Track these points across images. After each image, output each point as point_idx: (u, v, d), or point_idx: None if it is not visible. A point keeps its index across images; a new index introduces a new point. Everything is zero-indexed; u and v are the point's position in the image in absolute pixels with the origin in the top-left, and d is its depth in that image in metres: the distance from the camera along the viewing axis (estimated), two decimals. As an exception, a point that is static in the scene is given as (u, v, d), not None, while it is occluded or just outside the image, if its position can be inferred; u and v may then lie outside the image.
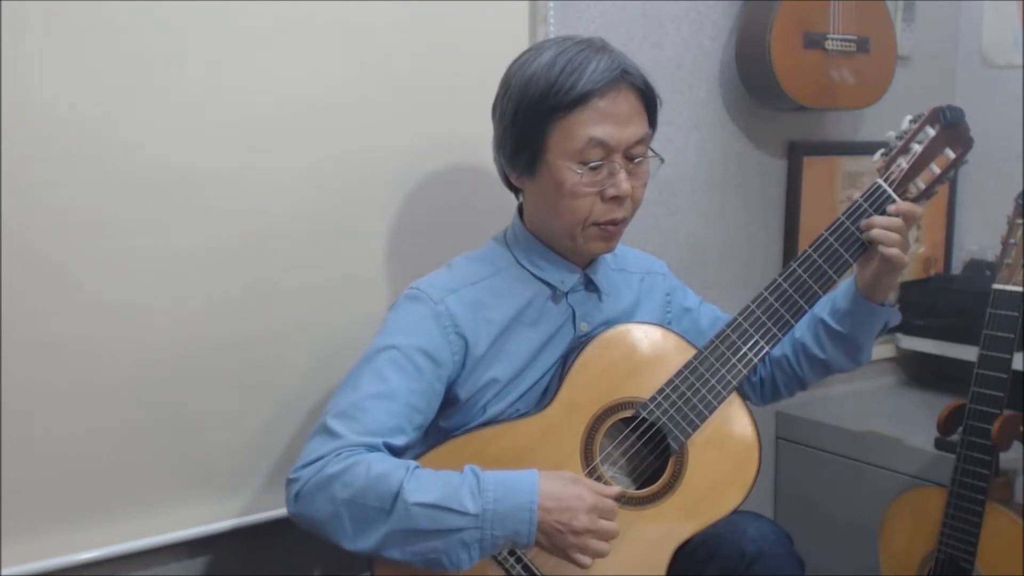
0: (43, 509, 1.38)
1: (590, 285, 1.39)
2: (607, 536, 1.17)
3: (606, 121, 1.24)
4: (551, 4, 1.74)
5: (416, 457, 1.26)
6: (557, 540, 1.15)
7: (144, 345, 1.42)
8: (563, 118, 1.24)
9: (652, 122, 1.32)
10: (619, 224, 1.31)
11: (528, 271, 1.36)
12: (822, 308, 1.44)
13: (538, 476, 1.17)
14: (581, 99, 1.23)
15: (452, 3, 1.61)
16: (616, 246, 1.35)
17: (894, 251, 1.31)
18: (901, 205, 1.33)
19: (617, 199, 1.28)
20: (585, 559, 1.16)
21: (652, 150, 1.31)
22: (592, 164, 1.25)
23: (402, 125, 1.59)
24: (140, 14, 1.35)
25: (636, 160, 1.28)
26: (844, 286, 1.42)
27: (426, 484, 1.15)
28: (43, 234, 1.33)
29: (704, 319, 1.52)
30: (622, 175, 1.26)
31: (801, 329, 1.46)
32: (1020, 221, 1.66)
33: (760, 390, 1.56)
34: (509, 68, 1.31)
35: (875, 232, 1.31)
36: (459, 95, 1.63)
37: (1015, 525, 1.62)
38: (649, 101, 1.30)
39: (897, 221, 1.31)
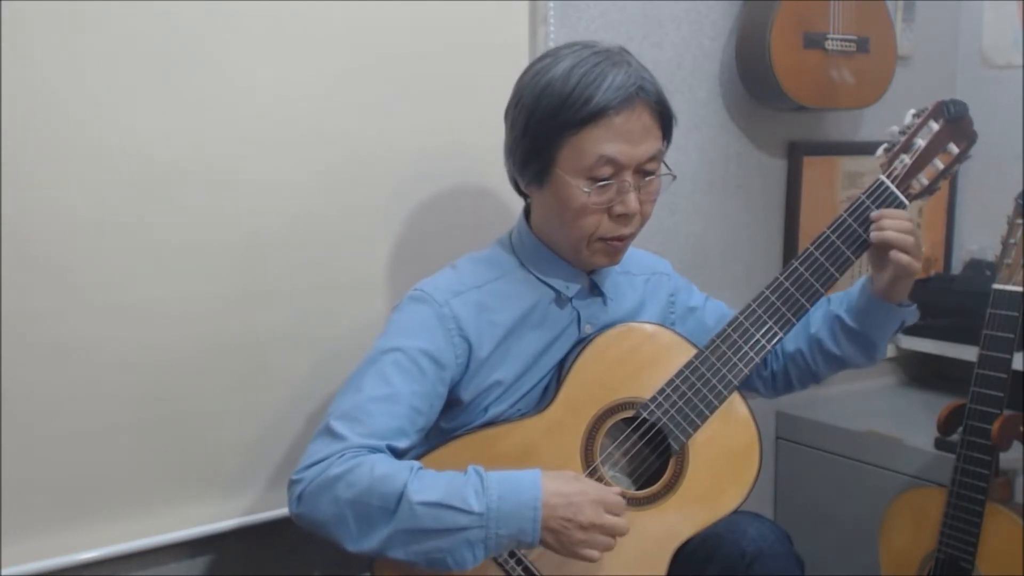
0: (43, 509, 1.38)
1: (595, 290, 1.38)
2: (615, 532, 1.17)
3: (618, 139, 1.22)
4: (551, 4, 1.74)
5: (418, 457, 1.26)
6: (563, 537, 1.15)
7: (145, 345, 1.42)
8: (575, 134, 1.22)
9: (667, 136, 1.30)
10: (625, 240, 1.30)
11: (533, 275, 1.35)
12: (839, 305, 1.43)
13: (541, 474, 1.16)
14: (594, 116, 1.21)
15: (452, 3, 1.61)
16: (621, 260, 1.35)
17: (906, 258, 1.29)
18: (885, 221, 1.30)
19: (625, 216, 1.27)
20: (592, 553, 1.16)
21: (666, 164, 1.29)
22: (601, 183, 1.24)
23: (403, 125, 1.59)
24: (141, 14, 1.35)
25: (648, 177, 1.27)
26: (861, 283, 1.40)
27: (430, 484, 1.14)
28: (43, 234, 1.33)
29: (710, 317, 1.51)
30: (632, 195, 1.25)
31: (817, 324, 1.45)
32: (1020, 221, 1.66)
33: (772, 383, 1.54)
34: (523, 74, 1.29)
35: (889, 234, 1.29)
36: (459, 95, 1.63)
37: (1015, 525, 1.62)
38: (664, 117, 1.28)
39: (908, 223, 1.30)
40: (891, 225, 1.30)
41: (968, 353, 1.84)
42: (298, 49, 1.49)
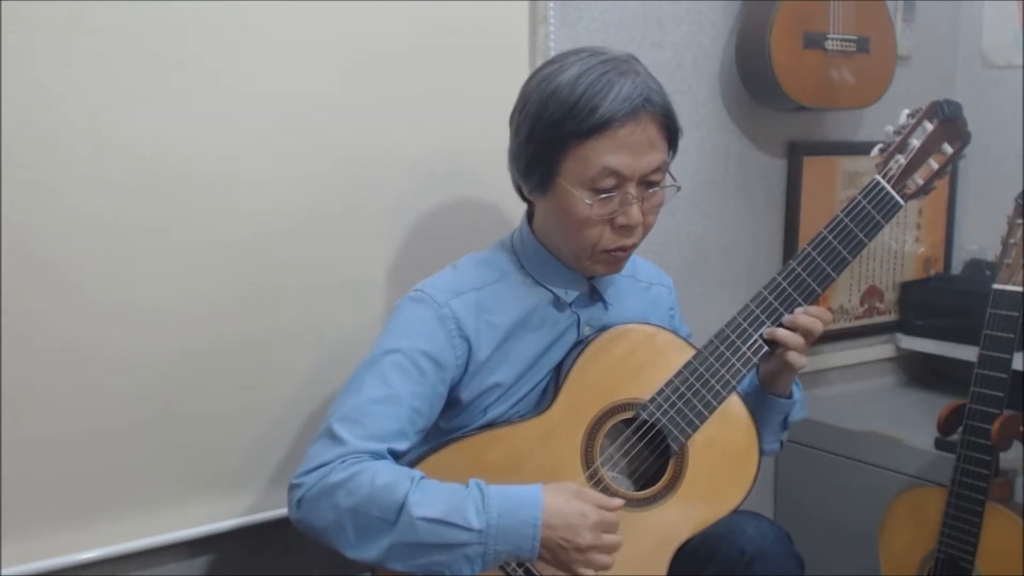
0: (43, 509, 1.38)
1: (595, 295, 1.38)
2: (612, 551, 1.17)
3: (622, 151, 1.21)
4: (551, 4, 1.74)
5: (417, 459, 1.26)
6: (561, 555, 1.15)
7: (145, 345, 1.42)
8: (579, 145, 1.21)
9: (673, 148, 1.29)
10: (628, 250, 1.30)
11: (533, 278, 1.35)
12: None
13: (542, 491, 1.16)
14: (599, 127, 1.20)
15: (452, 3, 1.61)
16: (622, 269, 1.34)
17: (793, 355, 1.31)
18: (798, 319, 1.31)
19: (627, 228, 1.26)
20: (589, 572, 1.16)
21: (671, 175, 1.29)
22: (604, 194, 1.23)
23: (402, 126, 1.59)
24: (140, 14, 1.35)
25: (651, 189, 1.26)
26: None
27: (431, 497, 1.14)
28: (43, 235, 1.33)
29: None
30: (635, 207, 1.24)
31: None
32: (1020, 221, 1.66)
33: None
34: (530, 79, 1.28)
35: (780, 333, 1.30)
36: (459, 95, 1.63)
37: (1015, 525, 1.62)
38: (670, 129, 1.27)
39: (800, 334, 1.31)
40: (804, 321, 1.31)
41: (968, 353, 1.83)
42: (297, 49, 1.49)
